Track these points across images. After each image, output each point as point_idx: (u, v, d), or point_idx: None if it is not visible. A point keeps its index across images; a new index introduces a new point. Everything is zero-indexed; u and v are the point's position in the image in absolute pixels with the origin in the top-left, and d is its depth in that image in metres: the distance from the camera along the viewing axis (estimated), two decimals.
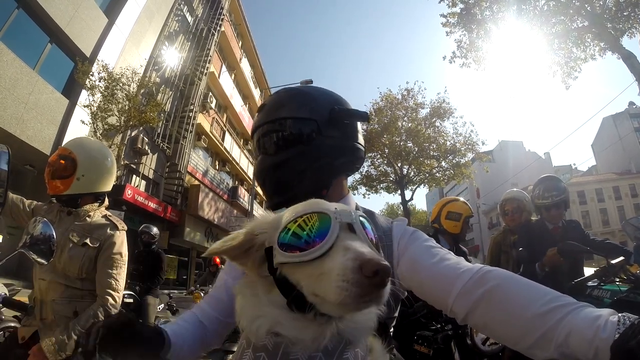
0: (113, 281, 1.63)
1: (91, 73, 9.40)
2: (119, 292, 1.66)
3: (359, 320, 0.52)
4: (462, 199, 2.93)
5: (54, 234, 1.29)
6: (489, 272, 0.69)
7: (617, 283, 1.92)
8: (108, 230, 1.69)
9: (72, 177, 1.65)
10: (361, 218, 0.52)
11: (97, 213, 1.75)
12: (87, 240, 1.64)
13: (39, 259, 1.27)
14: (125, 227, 1.79)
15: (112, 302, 1.61)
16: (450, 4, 12.39)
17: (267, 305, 0.51)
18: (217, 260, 6.13)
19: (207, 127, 17.54)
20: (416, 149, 20.26)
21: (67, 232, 1.64)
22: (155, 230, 5.08)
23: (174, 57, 15.56)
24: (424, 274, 0.76)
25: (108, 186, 1.80)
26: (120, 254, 1.69)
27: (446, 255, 0.78)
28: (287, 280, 0.49)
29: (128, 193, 11.80)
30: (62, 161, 1.68)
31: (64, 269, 1.60)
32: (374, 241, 0.52)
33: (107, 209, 1.86)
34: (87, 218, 1.70)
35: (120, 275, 1.67)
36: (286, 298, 0.49)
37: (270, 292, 0.51)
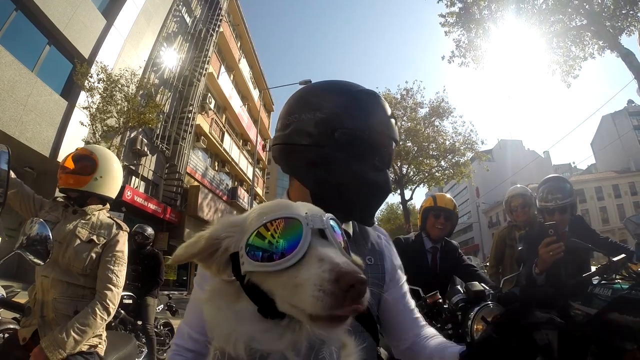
0: (114, 277, 1.70)
1: (90, 75, 9.39)
2: (119, 288, 1.72)
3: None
4: (445, 194, 2.83)
5: (50, 234, 1.29)
6: None
7: (619, 281, 1.92)
8: (114, 229, 1.78)
9: (90, 176, 1.75)
10: (331, 222, 0.51)
11: (101, 213, 1.83)
12: (94, 237, 1.71)
13: (35, 260, 1.27)
14: (128, 229, 1.87)
15: (111, 297, 1.66)
16: (449, 3, 12.39)
17: (238, 319, 0.48)
18: None
19: (206, 127, 17.53)
20: (415, 148, 20.27)
21: (74, 228, 1.70)
22: (149, 230, 4.93)
23: (172, 58, 15.56)
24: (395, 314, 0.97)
25: (115, 192, 1.90)
26: (123, 252, 1.78)
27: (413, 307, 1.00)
28: (258, 288, 0.47)
29: (127, 194, 11.79)
30: (86, 160, 1.78)
31: (68, 264, 1.64)
32: (343, 245, 0.50)
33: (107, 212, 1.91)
34: (91, 217, 1.78)
35: (121, 272, 1.75)
36: (257, 305, 0.47)
37: (238, 300, 0.49)
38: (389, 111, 0.92)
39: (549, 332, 0.67)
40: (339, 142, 0.87)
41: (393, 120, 0.92)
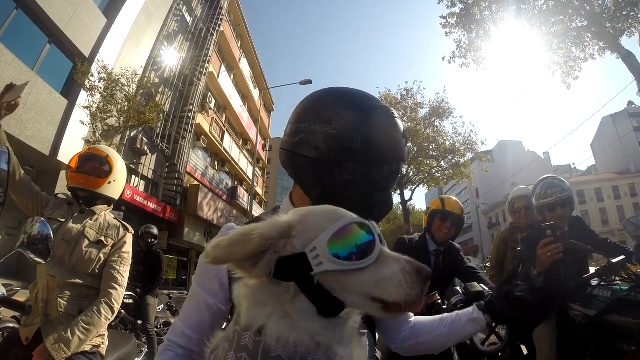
0: (119, 277, 1.73)
1: (91, 74, 9.38)
2: (123, 288, 1.74)
3: (356, 319, 0.56)
4: (452, 197, 2.80)
5: (52, 233, 1.29)
6: None
7: (618, 282, 1.92)
8: (121, 231, 1.82)
9: (106, 179, 1.80)
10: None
11: (107, 214, 1.86)
12: (102, 239, 1.74)
13: (36, 259, 1.26)
14: (133, 231, 1.90)
15: (116, 296, 1.68)
16: (450, 4, 12.40)
17: (299, 317, 0.50)
18: None
19: (206, 127, 17.53)
20: (415, 148, 20.28)
21: (83, 228, 1.72)
22: (155, 231, 5.08)
23: (173, 58, 15.55)
24: None
25: (119, 194, 1.94)
26: (129, 253, 1.82)
27: None
28: (322, 288, 0.50)
29: (127, 193, 11.78)
30: (102, 163, 1.82)
31: (76, 264, 1.65)
32: None
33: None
34: (99, 218, 1.80)
35: (126, 273, 1.78)
36: (318, 305, 0.50)
37: (294, 300, 0.51)
38: (402, 130, 0.91)
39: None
40: (347, 162, 0.85)
41: (405, 141, 0.91)
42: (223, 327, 0.75)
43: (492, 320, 0.96)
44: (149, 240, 4.96)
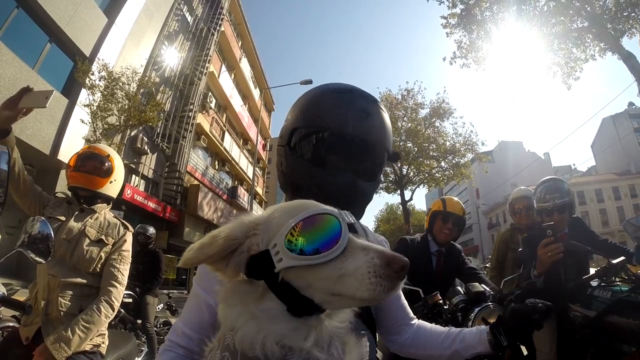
0: (119, 275, 1.73)
1: (91, 72, 9.38)
2: (123, 286, 1.74)
3: (343, 318, 0.54)
4: (454, 198, 2.79)
5: (52, 233, 1.29)
6: None
7: (618, 283, 1.91)
8: (121, 229, 1.82)
9: (107, 179, 1.81)
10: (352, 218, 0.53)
11: (107, 213, 1.86)
12: (103, 237, 1.74)
13: (37, 258, 1.26)
14: (132, 230, 1.90)
15: (116, 294, 1.68)
16: (451, 4, 12.40)
17: (266, 318, 0.48)
18: None
19: (206, 126, 17.52)
20: (416, 149, 20.27)
21: (84, 227, 1.72)
22: (151, 230, 5.01)
23: (173, 57, 15.55)
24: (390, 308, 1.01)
25: (117, 193, 1.95)
26: (128, 251, 1.82)
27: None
28: (289, 286, 0.47)
29: (127, 193, 11.79)
30: (103, 162, 1.82)
31: (76, 263, 1.65)
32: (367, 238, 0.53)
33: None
34: (99, 217, 1.80)
35: (126, 271, 1.78)
36: (286, 304, 0.48)
37: (263, 300, 0.49)
38: (363, 108, 0.85)
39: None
40: (295, 144, 0.87)
41: (364, 115, 0.84)
42: None
43: (503, 346, 0.88)
44: (143, 240, 4.89)
